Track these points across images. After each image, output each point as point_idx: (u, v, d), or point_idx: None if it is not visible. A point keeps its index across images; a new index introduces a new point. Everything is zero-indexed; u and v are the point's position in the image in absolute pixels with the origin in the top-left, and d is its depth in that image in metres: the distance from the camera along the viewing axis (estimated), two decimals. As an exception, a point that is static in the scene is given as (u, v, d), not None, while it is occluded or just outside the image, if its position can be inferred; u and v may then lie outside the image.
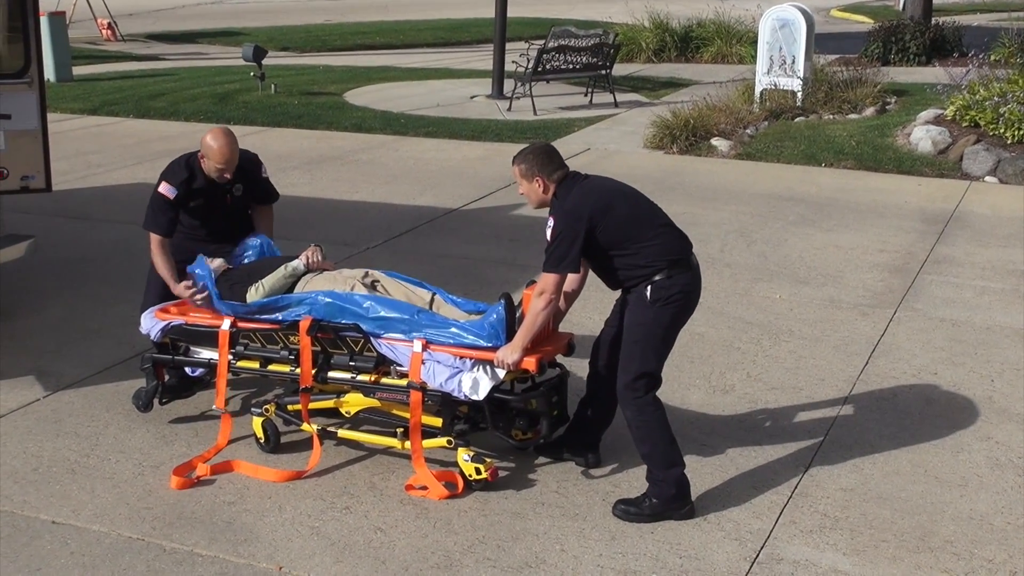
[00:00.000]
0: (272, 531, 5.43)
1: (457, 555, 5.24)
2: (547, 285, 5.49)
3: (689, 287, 5.56)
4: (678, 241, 5.62)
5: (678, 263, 5.51)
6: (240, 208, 6.87)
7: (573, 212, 5.46)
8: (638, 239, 5.48)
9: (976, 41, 19.28)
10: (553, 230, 5.50)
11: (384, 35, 26.48)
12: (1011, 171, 12.58)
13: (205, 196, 6.63)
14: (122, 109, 16.95)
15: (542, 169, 5.62)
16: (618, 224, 5.49)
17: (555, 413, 5.93)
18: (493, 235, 10.49)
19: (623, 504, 5.59)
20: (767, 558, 5.25)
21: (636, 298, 5.54)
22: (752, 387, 7.10)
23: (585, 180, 5.68)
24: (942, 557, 5.26)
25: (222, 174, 6.54)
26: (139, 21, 28.58)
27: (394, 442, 5.98)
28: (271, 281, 6.23)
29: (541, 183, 5.61)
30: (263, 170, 6.89)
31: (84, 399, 6.87)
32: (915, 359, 7.59)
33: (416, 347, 5.76)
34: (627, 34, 21.60)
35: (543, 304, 5.50)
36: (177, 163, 6.64)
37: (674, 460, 5.55)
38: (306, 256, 6.36)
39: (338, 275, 6.30)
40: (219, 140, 6.50)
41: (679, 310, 5.55)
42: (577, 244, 5.42)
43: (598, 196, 5.58)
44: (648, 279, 5.47)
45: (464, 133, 15.22)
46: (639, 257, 5.47)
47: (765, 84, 16.13)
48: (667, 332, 5.57)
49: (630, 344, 5.55)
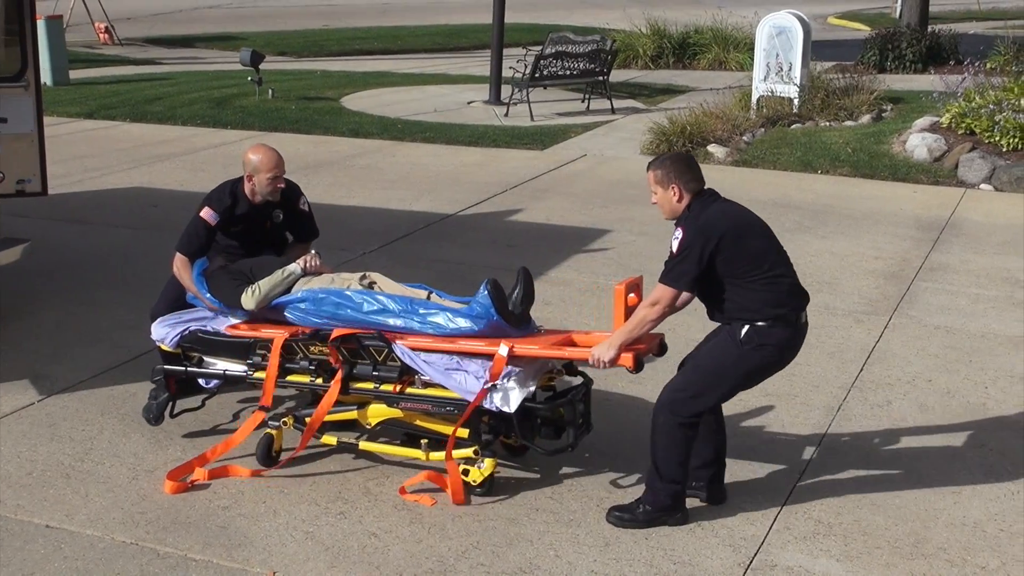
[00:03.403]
0: (266, 536, 5.43)
1: (451, 560, 5.24)
2: (662, 296, 5.34)
3: (785, 344, 5.39)
4: (793, 293, 5.41)
5: (784, 317, 5.33)
6: (279, 235, 6.80)
7: (706, 229, 5.28)
8: (755, 278, 5.28)
9: (972, 49, 19.28)
10: (681, 242, 5.30)
11: (381, 40, 26.48)
12: (1006, 179, 12.60)
13: (246, 222, 6.59)
14: (119, 113, 16.95)
15: (680, 176, 5.44)
16: (744, 255, 5.29)
17: (581, 422, 5.90)
18: (490, 240, 10.49)
19: (616, 511, 5.58)
20: (761, 564, 5.25)
21: (728, 333, 5.38)
22: (746, 393, 7.03)
23: (724, 200, 5.49)
24: (936, 564, 5.26)
25: (276, 183, 6.46)
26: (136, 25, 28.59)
27: (419, 453, 5.91)
28: (268, 285, 6.20)
29: (677, 191, 5.43)
30: (302, 200, 6.76)
31: (79, 403, 6.87)
32: (910, 366, 7.60)
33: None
34: (624, 40, 21.62)
35: (655, 315, 5.36)
36: (222, 189, 6.57)
37: (678, 478, 5.48)
38: (304, 260, 6.34)
39: (336, 277, 6.30)
40: (261, 150, 6.48)
41: (765, 363, 5.41)
42: (700, 262, 5.24)
43: (735, 220, 5.39)
44: (749, 322, 5.30)
45: (461, 139, 15.23)
46: (749, 296, 5.29)
47: (762, 91, 16.15)
48: (741, 379, 5.45)
49: (699, 370, 5.45)
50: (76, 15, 26.02)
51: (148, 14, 31.92)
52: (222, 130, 15.89)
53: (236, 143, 14.57)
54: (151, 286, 7.77)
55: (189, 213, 6.58)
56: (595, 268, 9.62)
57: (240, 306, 6.18)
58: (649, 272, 9.43)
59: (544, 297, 8.56)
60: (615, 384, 7.00)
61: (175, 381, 6.45)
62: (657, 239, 10.45)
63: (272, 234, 6.75)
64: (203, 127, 16.10)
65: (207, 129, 15.99)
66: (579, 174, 13.32)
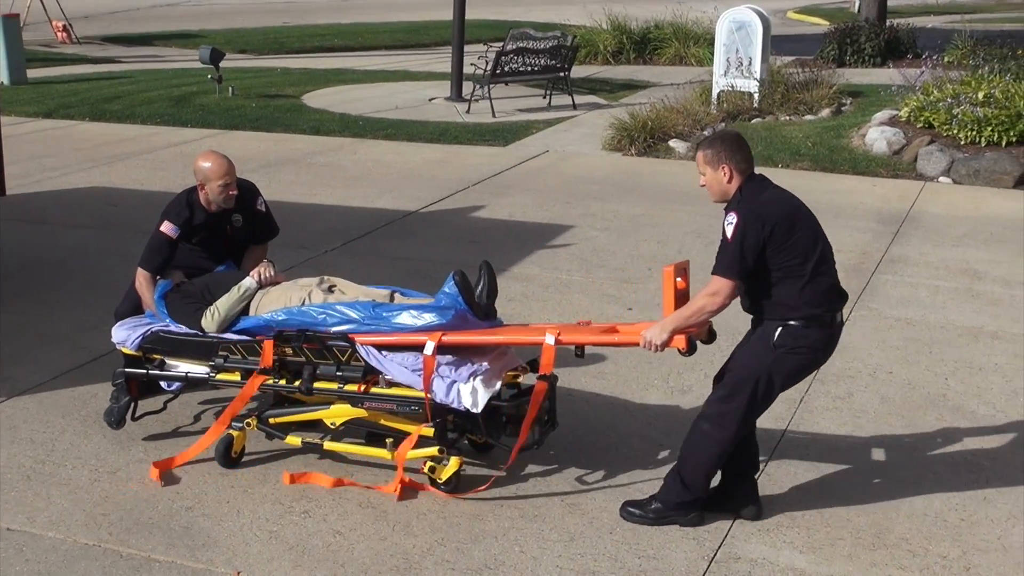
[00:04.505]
0: (230, 536, 5.41)
1: (416, 557, 5.24)
2: (721, 288, 5.14)
3: (819, 345, 5.28)
4: (831, 292, 5.28)
5: (819, 318, 5.21)
6: (241, 238, 6.73)
7: (761, 214, 5.11)
8: (797, 272, 5.15)
9: (930, 43, 19.46)
10: (735, 227, 5.09)
11: (342, 37, 26.38)
12: (964, 171, 12.71)
13: (207, 230, 6.53)
14: (77, 112, 16.81)
15: (731, 157, 5.22)
16: (792, 247, 5.14)
17: (546, 419, 5.90)
18: (452, 237, 10.48)
19: (629, 506, 5.56)
20: (725, 557, 5.28)
21: (761, 334, 5.28)
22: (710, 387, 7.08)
23: (776, 187, 5.34)
24: (897, 554, 5.31)
25: (228, 191, 6.40)
26: (94, 23, 28.36)
27: (383, 452, 5.90)
28: (225, 305, 6.12)
29: (728, 172, 5.22)
30: (260, 201, 6.71)
31: (39, 405, 6.81)
32: (871, 358, 7.65)
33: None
34: (585, 36, 21.64)
35: (714, 306, 5.16)
36: (178, 201, 6.50)
37: (699, 488, 5.43)
38: (257, 273, 6.26)
39: (293, 285, 6.25)
40: (210, 158, 6.40)
41: (800, 366, 5.32)
42: (756, 250, 5.08)
43: (788, 208, 5.24)
44: (783, 320, 5.18)
45: (423, 136, 15.20)
46: (787, 292, 5.16)
47: (722, 86, 16.21)
48: (779, 385, 5.33)
49: (737, 379, 5.34)
50: (33, 13, 25.78)
51: (106, 12, 31.67)
52: (182, 128, 15.79)
53: (196, 141, 14.49)
54: (111, 286, 7.73)
55: (149, 212, 6.55)
56: (558, 264, 9.63)
57: (202, 330, 6.16)
58: (611, 267, 9.52)
59: (507, 293, 8.56)
60: (579, 381, 7.01)
61: (136, 384, 6.40)
62: (619, 234, 10.49)
63: (234, 239, 6.71)
64: (163, 126, 15.99)
65: (167, 128, 15.88)
66: (541, 170, 13.33)
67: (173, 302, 6.28)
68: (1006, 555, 5.32)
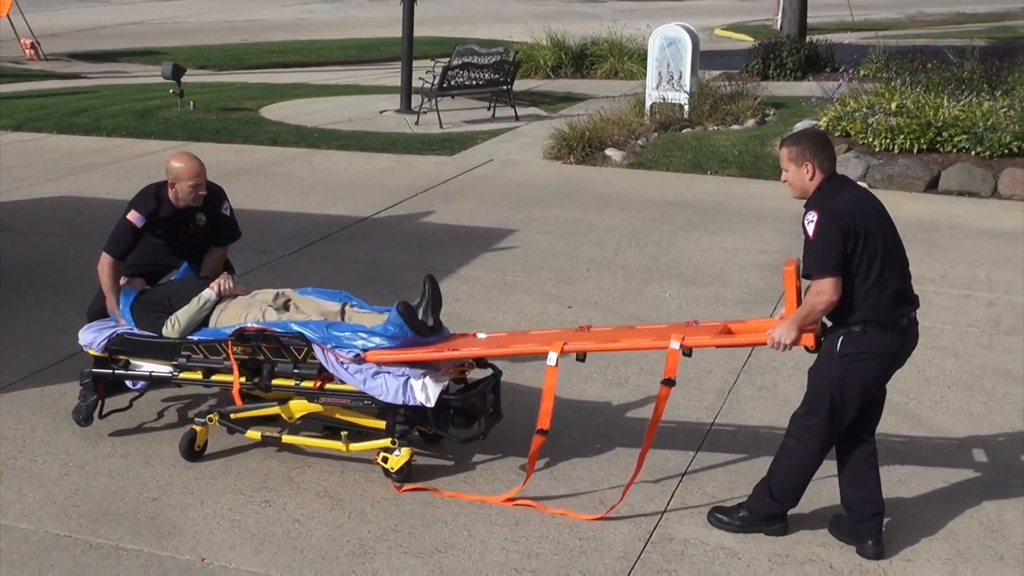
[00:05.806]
0: (194, 524, 5.38)
1: (371, 543, 5.24)
2: (824, 288, 4.89)
3: (885, 350, 5.01)
4: (896, 299, 5.00)
5: (877, 322, 4.95)
6: (203, 237, 6.67)
7: (842, 211, 4.90)
8: (864, 276, 4.92)
9: (847, 58, 19.68)
10: (816, 224, 4.89)
11: (298, 53, 26.22)
12: (879, 176, 12.86)
13: (171, 224, 6.48)
14: (45, 125, 16.58)
15: (816, 155, 5.02)
16: (865, 249, 4.91)
17: (491, 411, 5.92)
18: (403, 241, 10.47)
19: (717, 512, 5.45)
20: (660, 538, 5.33)
21: (828, 344, 5.06)
22: (644, 380, 7.18)
23: (857, 187, 5.19)
24: (819, 534, 5.37)
25: (197, 191, 6.36)
26: (61, 41, 27.97)
27: (339, 445, 5.90)
28: (186, 316, 6.09)
29: (811, 170, 5.02)
30: (225, 206, 6.66)
31: (11, 404, 6.73)
32: (794, 350, 7.69)
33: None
34: (526, 52, 21.65)
35: (823, 305, 4.89)
36: (146, 192, 6.46)
37: (787, 500, 5.30)
38: (217, 285, 6.22)
39: (251, 300, 6.21)
40: (183, 159, 6.37)
41: (869, 373, 5.04)
42: (844, 243, 4.86)
43: (869, 209, 5.02)
44: (845, 325, 4.98)
45: (374, 146, 15.15)
46: (852, 294, 4.92)
47: (655, 98, 16.30)
48: (854, 394, 5.06)
49: (811, 393, 5.17)
50: (2, 31, 25.42)
51: (73, 30, 31.26)
52: (146, 140, 15.62)
53: (159, 153, 14.34)
54: (79, 290, 7.66)
55: (115, 220, 6.47)
56: (503, 266, 9.64)
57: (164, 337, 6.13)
58: (552, 268, 9.54)
59: (455, 294, 8.57)
60: (523, 375, 7.03)
61: (103, 383, 6.36)
62: (559, 237, 10.52)
63: (196, 237, 6.67)
64: (127, 138, 15.80)
65: (131, 140, 15.70)
66: (486, 178, 13.33)
67: (138, 311, 6.25)
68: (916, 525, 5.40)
